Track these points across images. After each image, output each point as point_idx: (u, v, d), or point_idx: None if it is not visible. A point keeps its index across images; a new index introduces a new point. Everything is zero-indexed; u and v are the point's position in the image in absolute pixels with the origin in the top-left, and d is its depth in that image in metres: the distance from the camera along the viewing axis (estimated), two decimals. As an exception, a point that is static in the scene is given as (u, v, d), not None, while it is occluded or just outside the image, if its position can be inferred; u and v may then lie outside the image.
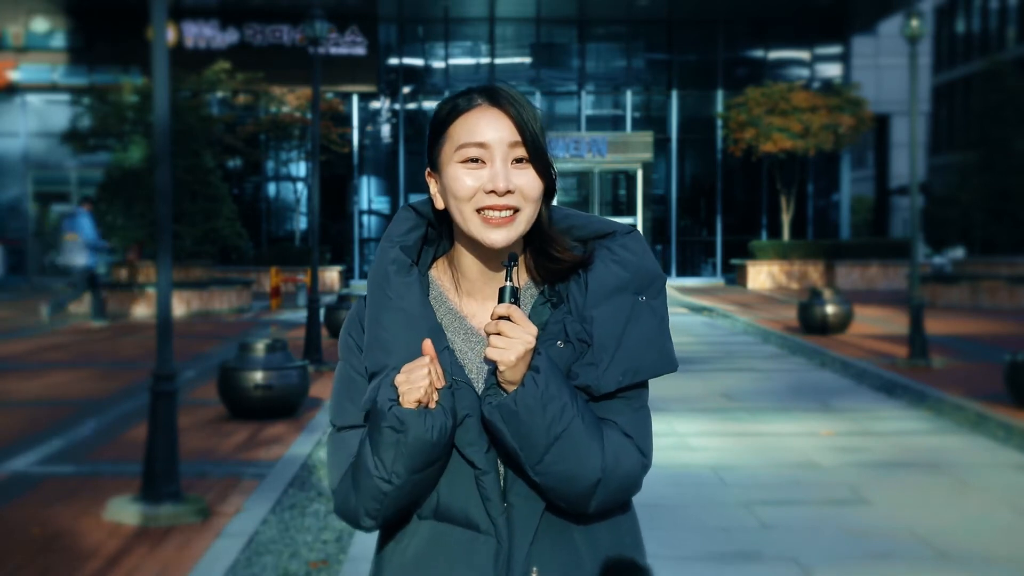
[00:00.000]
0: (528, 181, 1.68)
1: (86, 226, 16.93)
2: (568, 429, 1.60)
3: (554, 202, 1.78)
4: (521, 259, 1.76)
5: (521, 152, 1.67)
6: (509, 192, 1.66)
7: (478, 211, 1.67)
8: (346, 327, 1.79)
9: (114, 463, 7.17)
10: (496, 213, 1.66)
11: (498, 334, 1.58)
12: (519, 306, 1.61)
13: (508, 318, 1.58)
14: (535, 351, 1.60)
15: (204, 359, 12.69)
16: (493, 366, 1.61)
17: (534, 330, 1.59)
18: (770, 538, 5.77)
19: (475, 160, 1.67)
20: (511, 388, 1.60)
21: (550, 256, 1.73)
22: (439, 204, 1.74)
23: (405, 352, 1.66)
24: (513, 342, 1.57)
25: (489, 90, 1.70)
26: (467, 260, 1.75)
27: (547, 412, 1.59)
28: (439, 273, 1.80)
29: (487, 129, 1.67)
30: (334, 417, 1.78)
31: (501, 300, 1.61)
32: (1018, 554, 5.53)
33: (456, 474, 1.69)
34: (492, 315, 1.59)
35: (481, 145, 1.67)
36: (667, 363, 1.72)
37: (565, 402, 1.60)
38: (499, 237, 1.66)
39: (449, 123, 1.70)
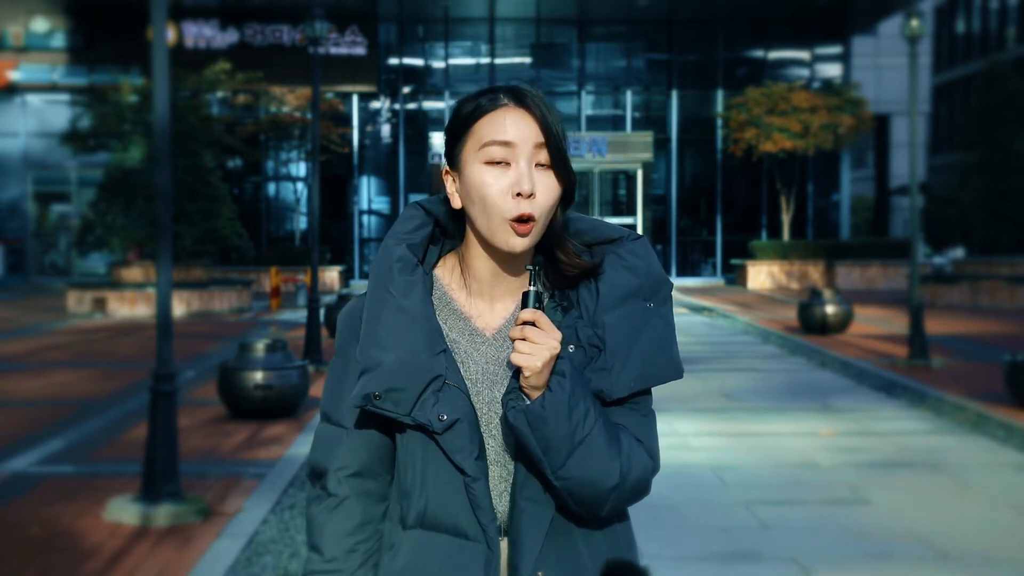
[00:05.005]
0: (546, 187, 1.65)
1: None
2: (591, 434, 1.59)
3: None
4: None
5: (543, 156, 1.65)
6: (532, 196, 1.63)
7: (507, 219, 1.64)
8: (345, 322, 1.75)
9: (114, 463, 7.17)
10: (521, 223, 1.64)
11: (524, 339, 1.57)
12: (543, 311, 1.60)
13: (534, 324, 1.57)
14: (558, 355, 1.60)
15: (204, 359, 12.68)
16: (516, 370, 1.60)
17: (559, 336, 1.58)
18: (770, 538, 5.77)
19: (499, 162, 1.64)
20: (535, 393, 1.59)
21: (561, 262, 1.71)
22: (456, 204, 1.70)
23: (401, 351, 1.63)
24: (539, 348, 1.56)
25: (515, 90, 1.67)
26: (480, 261, 1.72)
27: (573, 417, 1.58)
28: (444, 272, 1.77)
29: (512, 128, 1.64)
30: (327, 408, 1.76)
31: (525, 305, 1.60)
32: (1018, 554, 5.53)
33: (444, 481, 1.66)
34: (517, 320, 1.58)
35: (507, 144, 1.63)
36: (675, 370, 1.71)
37: (588, 407, 1.60)
38: (519, 243, 1.64)
39: (473, 121, 1.66)
